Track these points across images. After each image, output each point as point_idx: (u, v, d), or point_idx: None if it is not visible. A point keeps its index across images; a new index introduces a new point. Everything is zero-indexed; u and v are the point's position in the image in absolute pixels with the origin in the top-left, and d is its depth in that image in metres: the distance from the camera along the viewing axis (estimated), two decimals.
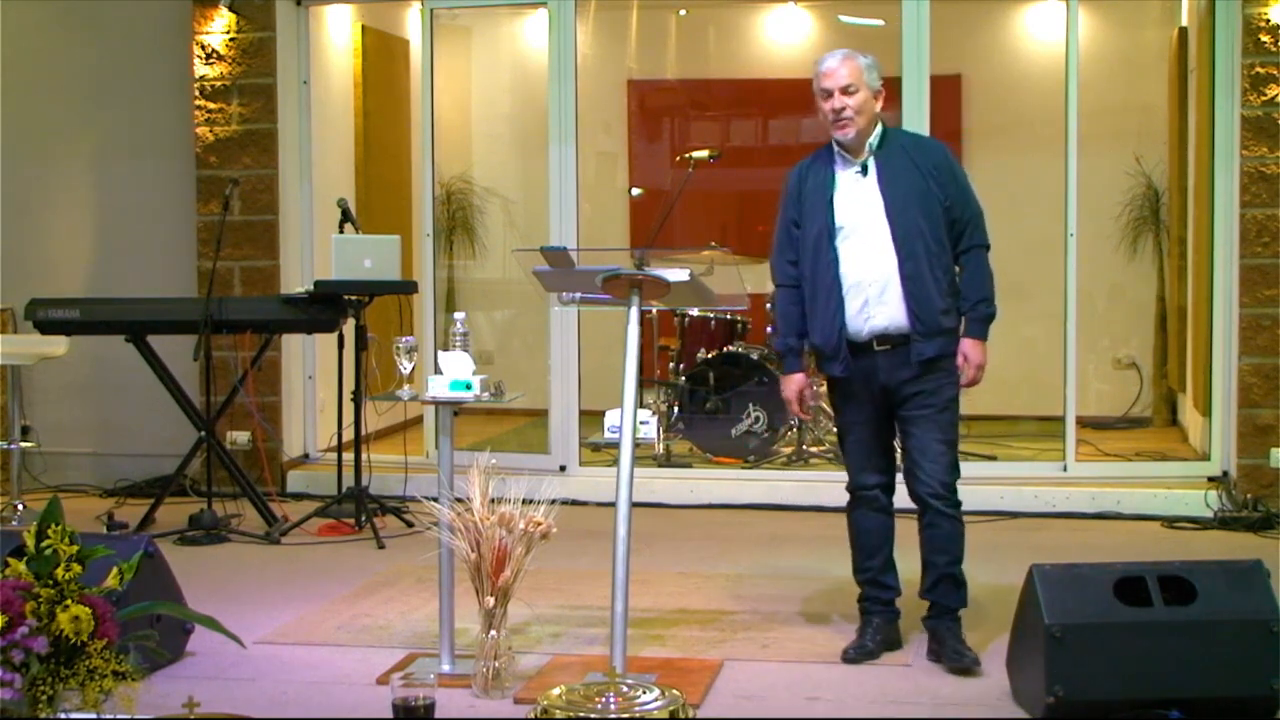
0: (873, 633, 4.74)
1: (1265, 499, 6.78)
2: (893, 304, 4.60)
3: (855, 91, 4.59)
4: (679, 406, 7.92)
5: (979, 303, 4.72)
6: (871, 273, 4.60)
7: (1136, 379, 9.13)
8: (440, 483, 4.50)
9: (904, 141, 4.75)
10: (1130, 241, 9.01)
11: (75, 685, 3.24)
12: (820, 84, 4.63)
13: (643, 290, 4.42)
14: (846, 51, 4.67)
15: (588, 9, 8.92)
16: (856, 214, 4.63)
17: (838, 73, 4.60)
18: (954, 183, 4.67)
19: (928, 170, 4.64)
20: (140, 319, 6.87)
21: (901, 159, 4.65)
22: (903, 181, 4.62)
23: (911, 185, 4.61)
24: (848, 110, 4.59)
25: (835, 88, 4.60)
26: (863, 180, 4.65)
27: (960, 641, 4.62)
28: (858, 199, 4.64)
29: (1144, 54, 8.99)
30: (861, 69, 4.62)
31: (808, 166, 4.77)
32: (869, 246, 4.60)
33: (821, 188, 4.68)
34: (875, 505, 4.78)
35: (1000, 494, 7.04)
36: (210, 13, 7.68)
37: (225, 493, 6.92)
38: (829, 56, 4.67)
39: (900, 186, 4.61)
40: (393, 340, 4.80)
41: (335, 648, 4.87)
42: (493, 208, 9.79)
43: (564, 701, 3.71)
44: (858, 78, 4.60)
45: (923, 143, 4.86)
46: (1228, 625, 3.97)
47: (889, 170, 4.63)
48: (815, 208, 4.67)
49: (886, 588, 4.80)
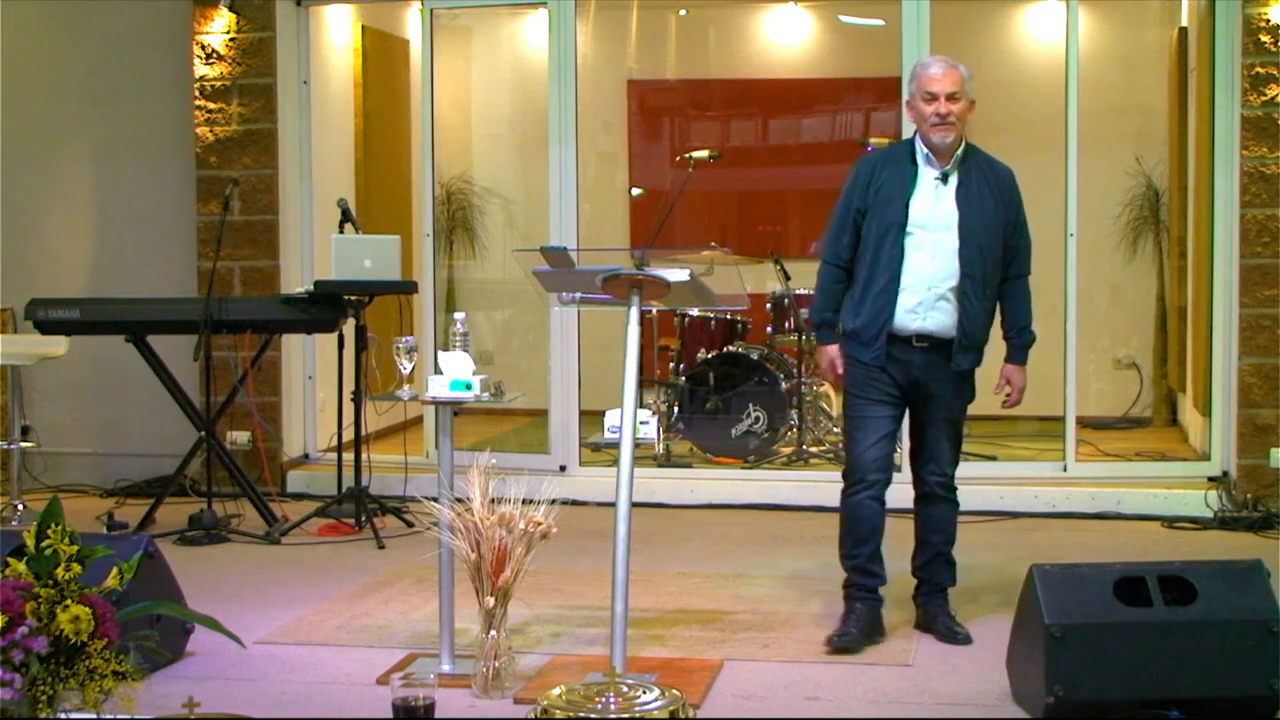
0: (856, 619, 4.87)
1: (1265, 499, 6.78)
2: (944, 311, 4.80)
3: (959, 99, 4.77)
4: (679, 406, 7.92)
5: (1023, 329, 4.96)
6: (932, 277, 4.79)
7: (1136, 379, 9.13)
8: (440, 483, 4.50)
9: (981, 160, 4.92)
10: (1130, 241, 9.02)
11: (75, 685, 3.24)
12: (925, 87, 4.78)
13: (643, 290, 4.43)
14: (949, 60, 4.85)
15: (588, 9, 8.92)
16: (930, 219, 4.80)
17: (946, 78, 4.78)
18: (1018, 213, 4.91)
19: (1001, 195, 4.85)
20: (140, 319, 6.87)
21: (980, 178, 4.85)
22: (980, 200, 4.81)
23: (986, 205, 4.82)
24: (952, 115, 4.75)
25: (942, 92, 4.76)
26: (942, 188, 4.81)
27: (951, 617, 4.92)
28: (934, 205, 4.81)
29: (1144, 54, 8.99)
30: (964, 78, 4.81)
31: (884, 160, 4.92)
32: (935, 252, 4.79)
33: (900, 184, 4.81)
34: (875, 495, 4.89)
35: (1000, 494, 7.04)
36: (210, 13, 7.68)
37: (225, 493, 6.92)
38: (934, 62, 4.84)
39: (977, 204, 4.81)
40: (393, 340, 4.80)
41: (335, 648, 4.87)
42: (493, 208, 9.79)
43: (564, 701, 3.71)
44: (961, 86, 4.79)
45: (997, 166, 4.98)
46: (1228, 625, 3.97)
47: (968, 186, 4.82)
48: (889, 202, 4.80)
49: (873, 575, 4.91)
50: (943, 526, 4.99)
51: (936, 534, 4.99)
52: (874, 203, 4.82)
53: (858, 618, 4.85)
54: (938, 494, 4.96)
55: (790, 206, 9.65)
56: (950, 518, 5.00)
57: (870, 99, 9.38)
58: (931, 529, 4.99)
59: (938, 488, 4.95)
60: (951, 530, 5.01)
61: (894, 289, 4.77)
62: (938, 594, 4.99)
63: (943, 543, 5.00)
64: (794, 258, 8.19)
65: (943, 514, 4.98)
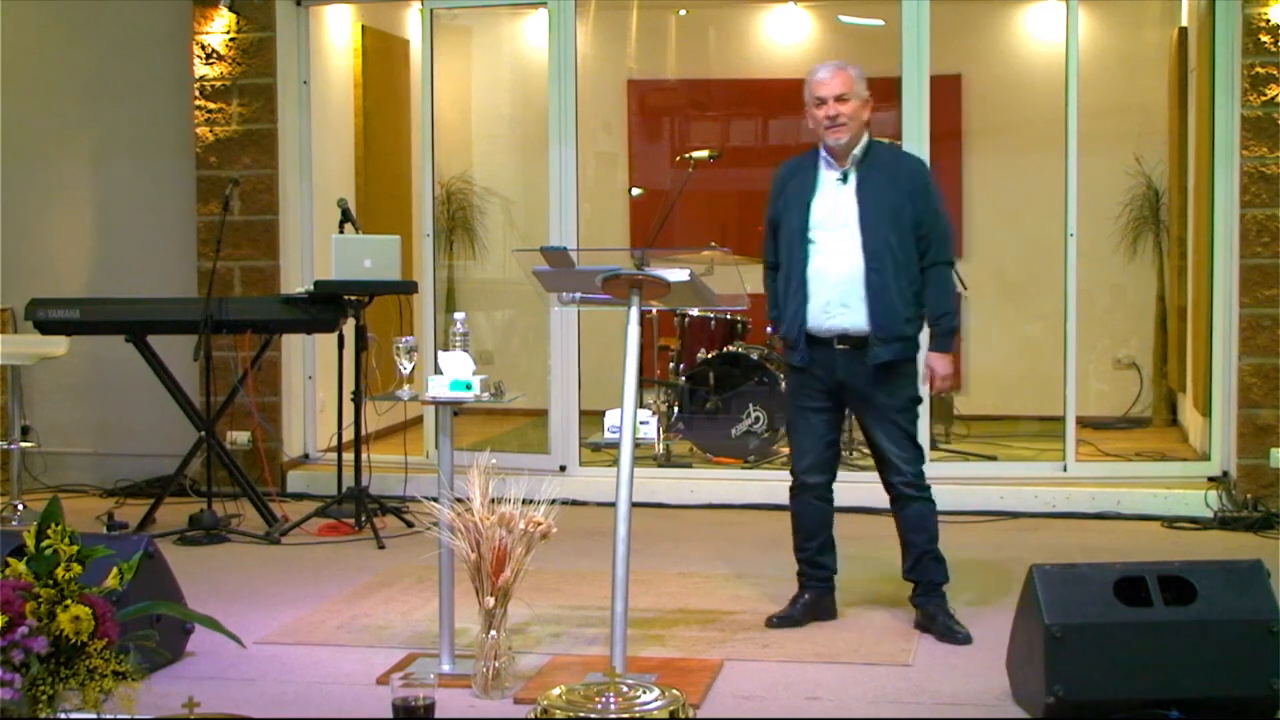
0: (803, 604, 5.08)
1: (1265, 499, 6.77)
2: (855, 307, 4.89)
3: (848, 99, 4.89)
4: (679, 406, 7.92)
5: (941, 317, 4.99)
6: (838, 276, 4.90)
7: (1136, 379, 9.13)
8: (440, 483, 4.50)
9: (886, 155, 5.04)
10: (1130, 241, 9.01)
11: (75, 685, 3.24)
12: (815, 92, 4.93)
13: (643, 290, 4.43)
14: (838, 63, 4.99)
15: (588, 9, 8.92)
16: (831, 219, 4.93)
17: (833, 81, 4.92)
18: (926, 202, 4.94)
19: (904, 187, 4.92)
20: (140, 319, 6.87)
21: (881, 173, 4.93)
22: (879, 195, 4.89)
23: (885, 199, 4.89)
24: (841, 116, 4.89)
25: (830, 95, 4.90)
26: (843, 187, 4.93)
27: (950, 616, 4.95)
28: (834, 205, 4.93)
29: (1144, 54, 8.99)
30: (854, 79, 4.94)
31: (794, 166, 5.11)
32: (838, 251, 4.91)
33: (802, 189, 5.00)
34: (818, 495, 5.10)
35: (1000, 494, 7.05)
36: (210, 13, 7.68)
37: (225, 493, 6.92)
38: (822, 67, 5.00)
39: (875, 199, 4.89)
40: (393, 340, 4.80)
41: (335, 648, 4.87)
42: (493, 208, 9.79)
43: (564, 701, 3.71)
44: (850, 87, 4.91)
45: (904, 159, 5.15)
46: (1228, 625, 3.97)
47: (868, 182, 4.92)
48: (794, 207, 4.99)
49: (823, 566, 5.13)
50: (922, 525, 5.02)
51: (917, 534, 5.02)
52: (783, 211, 5.03)
53: (805, 603, 5.08)
54: (908, 495, 5.00)
55: None
56: (927, 516, 5.02)
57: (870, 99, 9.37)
58: (912, 529, 5.03)
59: (905, 489, 4.99)
60: (932, 528, 5.04)
61: (804, 292, 4.93)
62: (933, 593, 5.01)
63: (926, 541, 5.02)
64: None
65: (918, 513, 5.01)
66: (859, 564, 6.00)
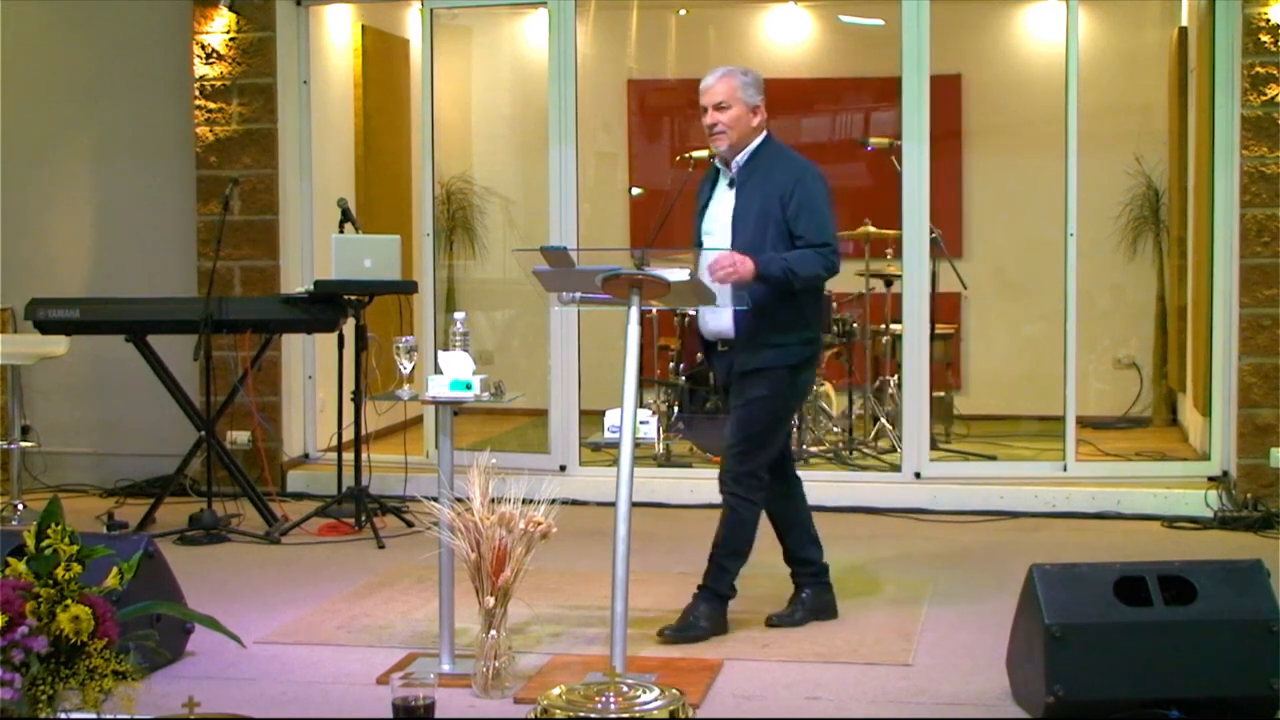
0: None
1: (1265, 499, 6.77)
2: (724, 311, 4.83)
3: (728, 108, 4.84)
4: (679, 406, 7.91)
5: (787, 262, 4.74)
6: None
7: (1136, 379, 9.13)
8: (440, 483, 4.50)
9: (772, 158, 4.94)
10: (1130, 241, 9.01)
11: (75, 685, 3.24)
12: (701, 101, 4.90)
13: (643, 290, 4.43)
14: (727, 69, 4.93)
15: (588, 9, 8.91)
16: (713, 224, 4.96)
17: (713, 90, 4.88)
18: (800, 207, 4.81)
19: (776, 190, 4.84)
20: (140, 319, 6.87)
21: (760, 174, 4.89)
22: (751, 196, 4.86)
23: (755, 203, 4.85)
24: (719, 125, 4.86)
25: (710, 104, 4.87)
26: (729, 193, 4.94)
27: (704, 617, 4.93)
28: (720, 210, 4.95)
29: (1144, 54, 8.99)
30: (737, 86, 4.87)
31: (707, 177, 5.11)
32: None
33: (705, 197, 5.04)
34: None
35: (1000, 494, 7.05)
36: (210, 13, 7.68)
37: (225, 493, 6.92)
38: (710, 74, 4.94)
39: (747, 201, 4.86)
40: (393, 340, 4.80)
41: (335, 648, 4.87)
42: (493, 208, 9.79)
43: (564, 701, 3.71)
44: (731, 94, 4.86)
45: (785, 163, 4.96)
46: (1228, 625, 3.97)
47: (747, 186, 4.89)
48: (696, 215, 5.06)
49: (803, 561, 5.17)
50: (720, 528, 5.00)
51: (717, 539, 5.02)
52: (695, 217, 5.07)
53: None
54: (721, 491, 4.99)
55: None
56: (724, 520, 4.98)
57: (870, 99, 9.38)
58: (718, 533, 5.02)
59: (720, 484, 4.98)
60: (724, 534, 4.98)
61: None
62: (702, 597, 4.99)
63: (715, 544, 5.01)
64: None
65: (723, 515, 5.00)
66: (859, 564, 6.01)
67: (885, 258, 8.04)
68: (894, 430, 7.74)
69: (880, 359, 8.28)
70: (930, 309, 7.41)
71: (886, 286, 8.01)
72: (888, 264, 7.97)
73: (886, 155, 7.91)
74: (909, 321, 7.31)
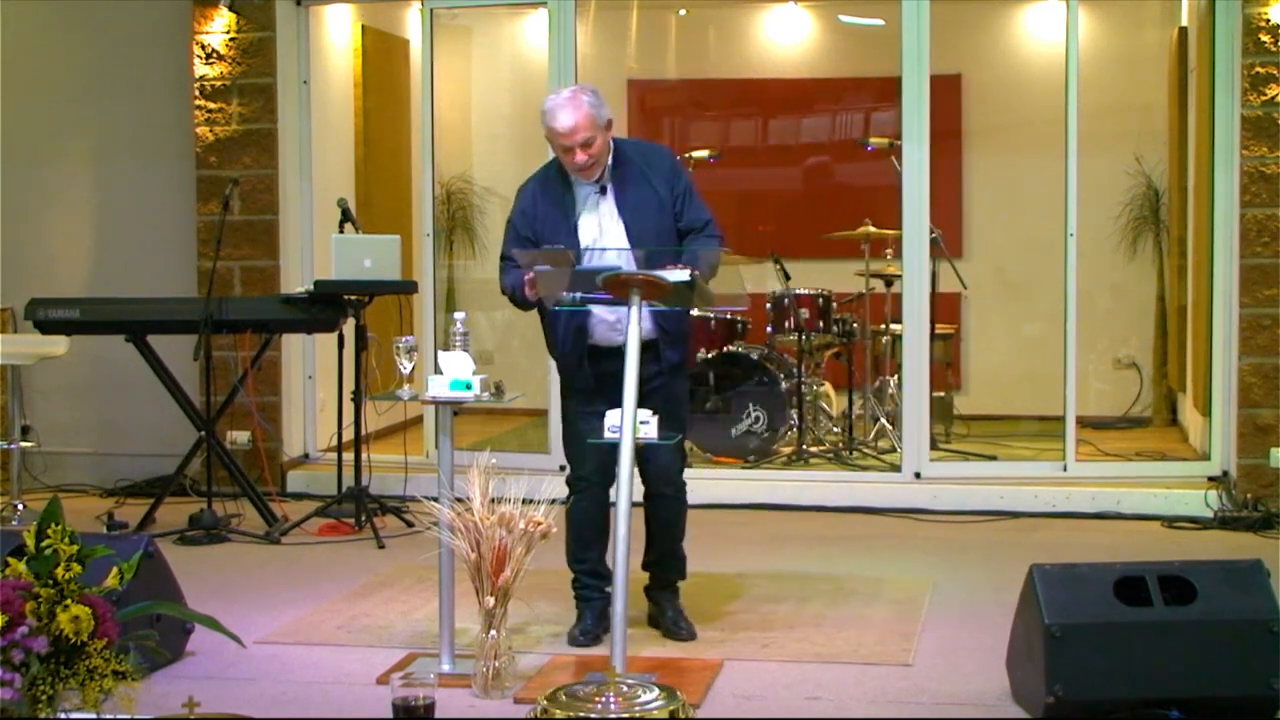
0: (592, 617, 4.90)
1: (1265, 499, 6.77)
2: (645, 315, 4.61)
3: (594, 140, 4.66)
4: None
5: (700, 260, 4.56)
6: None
7: (1136, 379, 9.13)
8: (440, 483, 4.50)
9: (633, 154, 4.85)
10: (1130, 241, 9.02)
11: (75, 685, 3.24)
12: (558, 140, 4.66)
13: (643, 290, 4.42)
14: (573, 100, 4.65)
15: (588, 9, 8.91)
16: (601, 235, 4.76)
17: (575, 130, 4.61)
18: (682, 188, 4.80)
19: (658, 179, 4.78)
20: (140, 319, 6.87)
21: (635, 173, 4.78)
22: (639, 198, 4.76)
23: (645, 200, 4.77)
24: (588, 159, 4.66)
25: (575, 145, 4.64)
26: (603, 200, 4.78)
27: (679, 613, 4.97)
28: (600, 220, 4.78)
29: (1144, 54, 8.99)
30: (592, 115, 4.65)
31: (539, 186, 4.86)
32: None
33: (561, 209, 4.78)
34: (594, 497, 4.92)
35: (1000, 494, 7.05)
36: (210, 13, 7.68)
37: (225, 493, 6.92)
38: (559, 107, 4.63)
39: (637, 204, 4.75)
40: (393, 340, 4.80)
41: (335, 648, 4.87)
42: (493, 208, 9.78)
43: (564, 701, 3.71)
44: (592, 126, 4.65)
45: (650, 153, 4.92)
46: (1228, 625, 3.97)
47: (626, 189, 4.77)
48: (559, 229, 4.75)
49: (604, 577, 4.91)
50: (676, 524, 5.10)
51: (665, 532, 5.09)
52: (545, 233, 4.75)
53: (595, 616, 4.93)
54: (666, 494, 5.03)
55: (790, 206, 9.64)
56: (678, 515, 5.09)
57: (870, 99, 9.39)
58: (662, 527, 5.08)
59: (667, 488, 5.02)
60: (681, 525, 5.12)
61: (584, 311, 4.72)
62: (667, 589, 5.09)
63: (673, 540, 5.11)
64: (794, 258, 8.19)
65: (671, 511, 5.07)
66: (859, 564, 6.01)
67: (885, 258, 8.05)
68: (894, 430, 7.74)
69: (880, 359, 8.29)
70: (930, 309, 7.41)
71: (886, 286, 8.01)
72: (888, 264, 7.97)
73: (886, 155, 7.92)
74: (909, 321, 7.31)
